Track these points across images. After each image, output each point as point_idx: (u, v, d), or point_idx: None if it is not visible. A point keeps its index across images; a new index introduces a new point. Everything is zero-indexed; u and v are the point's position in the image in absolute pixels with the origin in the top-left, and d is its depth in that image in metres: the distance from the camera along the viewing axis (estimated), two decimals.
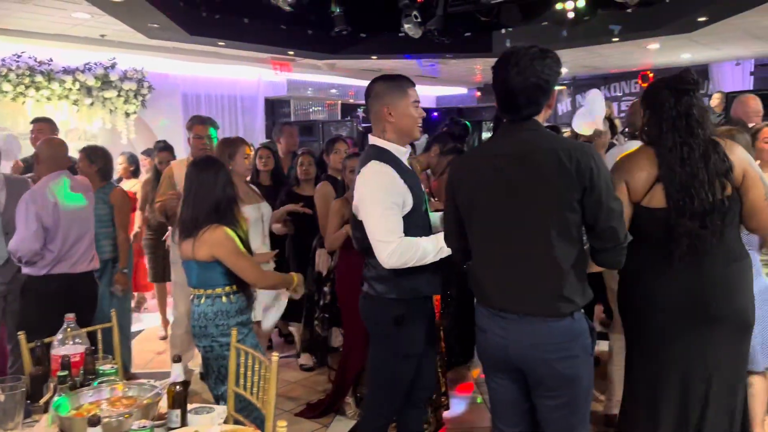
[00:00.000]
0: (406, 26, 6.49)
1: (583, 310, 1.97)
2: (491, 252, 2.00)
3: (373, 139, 2.39)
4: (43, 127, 4.41)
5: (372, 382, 2.57)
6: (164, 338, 5.24)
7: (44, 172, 3.42)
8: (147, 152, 6.15)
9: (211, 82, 9.05)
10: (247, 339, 2.67)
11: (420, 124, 2.39)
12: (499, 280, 1.98)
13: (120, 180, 5.69)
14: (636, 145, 2.48)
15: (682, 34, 7.07)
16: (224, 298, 2.63)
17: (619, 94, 11.50)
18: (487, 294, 2.02)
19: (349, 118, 11.59)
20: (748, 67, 10.13)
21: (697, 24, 6.59)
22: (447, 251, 2.26)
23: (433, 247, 2.27)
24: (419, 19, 6.45)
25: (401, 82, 2.36)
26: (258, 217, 3.56)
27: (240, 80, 9.40)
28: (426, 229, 2.39)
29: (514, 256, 1.94)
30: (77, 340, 2.23)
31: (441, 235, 2.26)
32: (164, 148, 5.30)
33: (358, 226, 2.37)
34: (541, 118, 1.99)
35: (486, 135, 14.12)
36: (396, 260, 2.21)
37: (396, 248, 2.19)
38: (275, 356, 2.08)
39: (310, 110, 11.38)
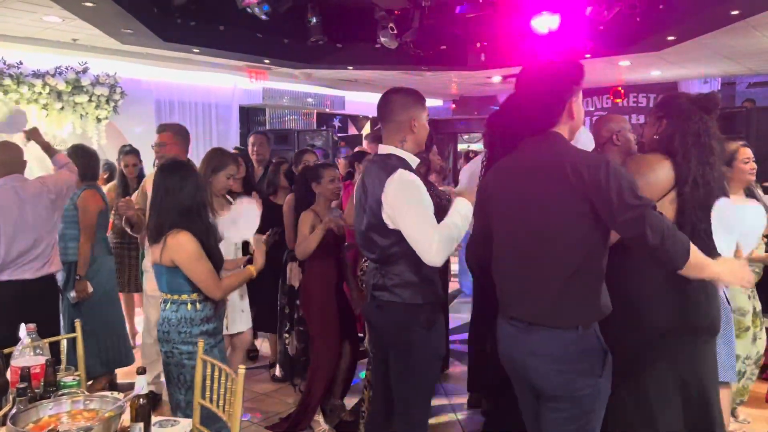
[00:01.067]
0: (382, 38, 6.53)
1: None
2: (505, 261, 2.07)
3: (389, 149, 2.43)
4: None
5: (406, 390, 2.48)
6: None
7: None
8: None
9: (185, 88, 8.96)
10: (215, 350, 2.64)
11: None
12: (512, 289, 2.05)
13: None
14: None
15: (651, 52, 7.24)
16: (189, 305, 2.59)
17: (591, 109, 11.70)
18: (503, 302, 2.09)
19: (325, 127, 11.59)
20: (715, 85, 10.41)
21: (666, 42, 6.76)
22: (470, 215, 2.32)
23: (459, 219, 2.30)
24: (395, 31, 6.49)
25: (420, 97, 2.48)
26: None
27: (215, 87, 9.33)
28: None
29: (523, 265, 1.99)
30: (38, 351, 2.18)
31: (458, 202, 2.33)
32: (130, 152, 5.22)
33: (383, 233, 2.37)
34: (563, 130, 2.02)
35: (461, 146, 14.26)
36: (444, 251, 2.23)
37: (439, 241, 2.21)
38: (242, 368, 2.06)
39: (286, 119, 11.34)
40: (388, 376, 2.52)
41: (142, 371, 1.96)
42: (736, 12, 5.49)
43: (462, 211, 2.32)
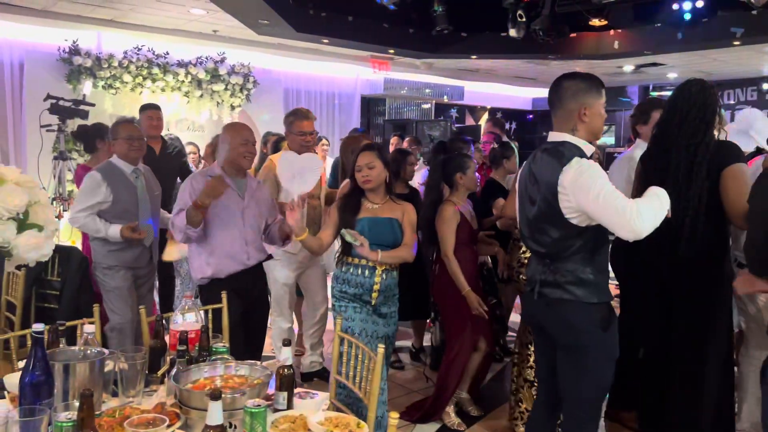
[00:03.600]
0: (509, 26, 6.38)
1: None
2: None
3: (561, 136, 2.31)
4: (158, 114, 4.63)
5: (577, 391, 2.36)
6: None
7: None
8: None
9: (312, 78, 9.29)
10: (358, 318, 2.88)
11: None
12: None
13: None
14: None
15: None
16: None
17: (732, 102, 10.78)
18: None
19: (442, 117, 11.56)
20: None
21: None
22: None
23: (658, 194, 2.19)
24: (524, 19, 6.32)
25: (596, 83, 2.33)
26: None
27: (338, 77, 9.60)
28: None
29: None
30: (194, 317, 2.34)
31: (653, 189, 2.23)
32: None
33: (558, 225, 2.24)
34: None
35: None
36: (648, 221, 2.06)
37: (639, 210, 2.05)
38: (381, 348, 2.09)
39: (405, 109, 11.44)
40: (553, 375, 2.42)
41: (287, 343, 2.04)
42: None
43: (660, 192, 2.19)
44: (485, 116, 12.78)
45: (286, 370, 2.00)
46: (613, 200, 2.07)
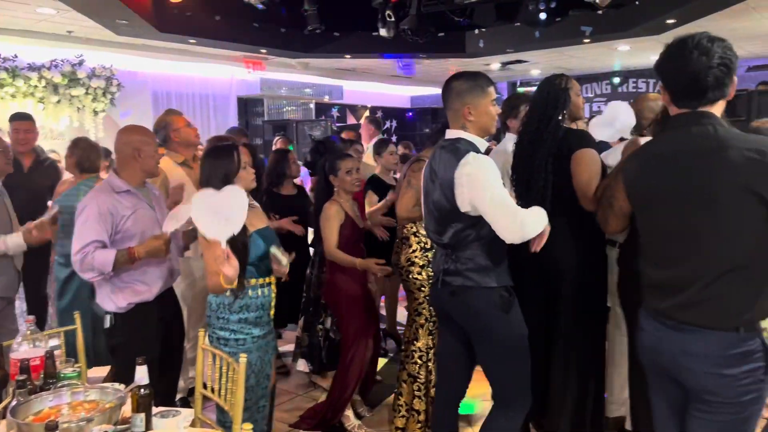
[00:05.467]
0: (379, 26, 6.48)
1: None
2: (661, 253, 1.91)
3: (457, 133, 2.43)
4: (27, 126, 4.25)
5: (498, 371, 2.49)
6: None
7: None
8: None
9: (183, 80, 8.92)
10: (255, 346, 2.54)
11: (496, 121, 2.48)
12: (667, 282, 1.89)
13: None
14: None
15: (651, 36, 7.19)
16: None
17: (590, 95, 11.64)
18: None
19: (323, 117, 11.54)
20: None
21: (666, 26, 6.70)
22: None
23: (538, 213, 2.30)
24: (393, 19, 6.44)
25: (481, 82, 2.42)
26: None
27: (212, 78, 9.29)
28: None
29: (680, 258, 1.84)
30: (37, 343, 2.17)
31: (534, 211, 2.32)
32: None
33: (456, 217, 2.36)
34: (718, 111, 1.86)
35: None
36: (528, 228, 2.23)
37: (522, 218, 2.22)
38: (243, 358, 2.05)
39: (284, 109, 11.30)
40: (461, 361, 2.57)
41: (142, 362, 1.95)
42: None
43: (541, 212, 2.31)
44: (366, 114, 12.93)
45: (142, 390, 1.91)
46: (505, 202, 2.24)
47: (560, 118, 2.85)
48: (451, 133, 2.47)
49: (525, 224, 2.22)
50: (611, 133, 3.20)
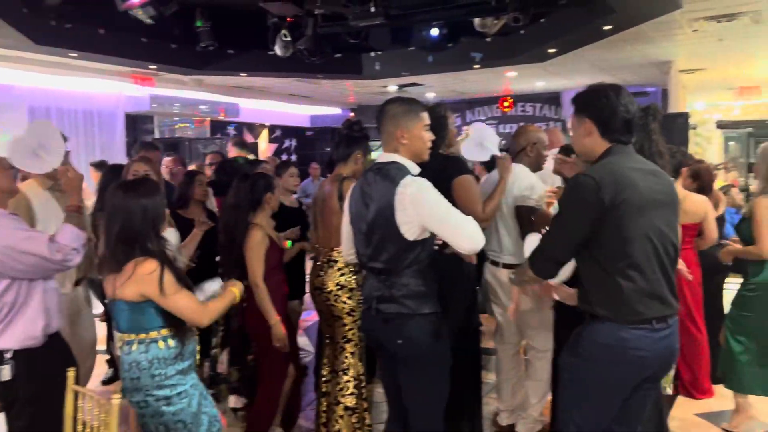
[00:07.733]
0: (275, 45, 6.42)
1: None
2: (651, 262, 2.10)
3: (391, 156, 2.42)
4: None
5: (421, 405, 2.46)
6: None
7: None
8: None
9: (64, 94, 8.36)
10: (196, 392, 2.37)
11: (429, 147, 2.49)
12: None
13: None
14: None
15: (535, 63, 7.62)
16: (160, 343, 2.28)
17: (483, 118, 12.15)
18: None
19: (219, 135, 11.23)
20: None
21: (548, 55, 7.14)
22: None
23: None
24: (289, 38, 6.40)
25: (415, 107, 2.43)
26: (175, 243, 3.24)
27: (97, 94, 8.77)
28: None
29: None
30: None
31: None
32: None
33: (395, 241, 2.33)
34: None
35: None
36: (480, 233, 2.29)
37: (475, 227, 2.28)
38: (116, 398, 1.91)
39: (176, 126, 10.90)
40: (400, 390, 2.51)
41: None
42: (608, 27, 5.89)
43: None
44: (264, 133, 12.73)
45: None
46: (457, 214, 2.27)
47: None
48: (384, 156, 2.46)
49: (478, 230, 2.28)
50: (484, 153, 3.39)
